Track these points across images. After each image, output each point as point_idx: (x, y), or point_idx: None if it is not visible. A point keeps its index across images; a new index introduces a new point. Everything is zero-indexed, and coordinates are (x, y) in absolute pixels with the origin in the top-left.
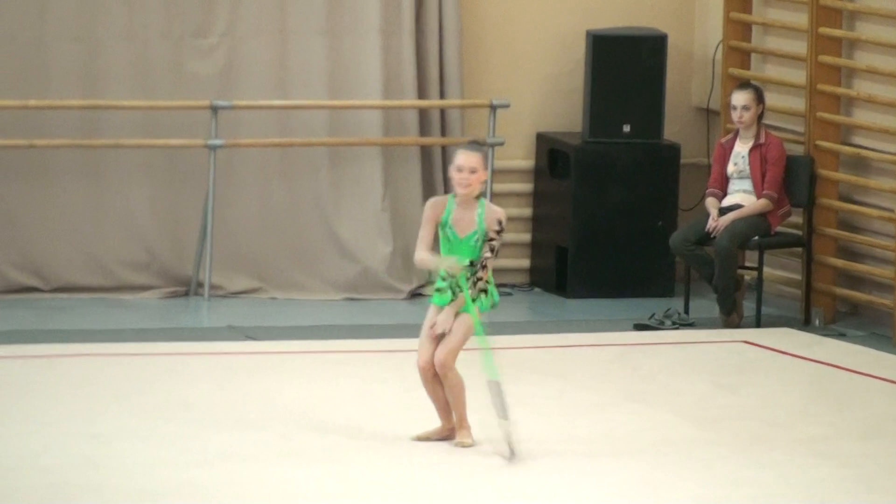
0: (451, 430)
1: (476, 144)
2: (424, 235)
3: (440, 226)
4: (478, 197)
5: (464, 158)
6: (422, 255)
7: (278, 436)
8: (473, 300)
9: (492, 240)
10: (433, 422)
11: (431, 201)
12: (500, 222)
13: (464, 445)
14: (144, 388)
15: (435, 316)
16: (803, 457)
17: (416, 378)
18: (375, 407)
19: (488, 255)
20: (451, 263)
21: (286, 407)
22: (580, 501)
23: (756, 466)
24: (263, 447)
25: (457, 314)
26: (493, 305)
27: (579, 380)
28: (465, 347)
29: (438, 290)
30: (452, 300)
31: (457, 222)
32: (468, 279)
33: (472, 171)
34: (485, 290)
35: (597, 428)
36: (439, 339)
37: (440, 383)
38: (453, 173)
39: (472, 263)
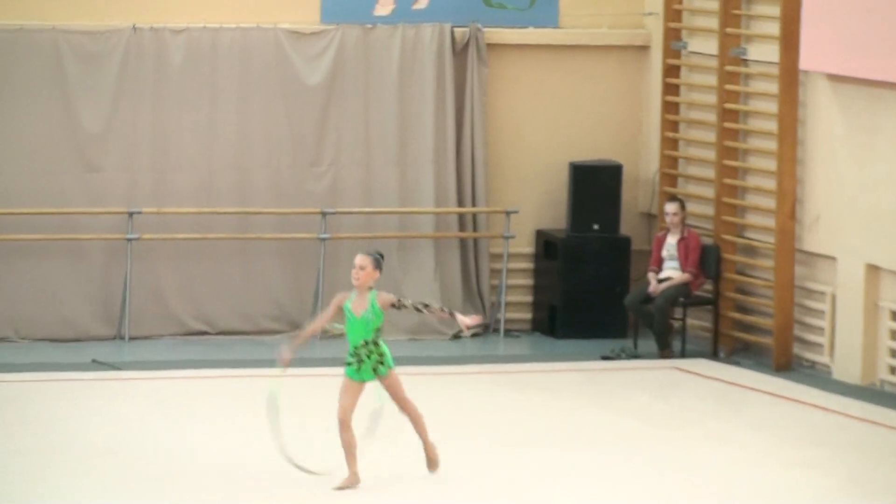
0: (355, 476)
1: (371, 251)
2: (324, 314)
3: (343, 308)
4: (370, 288)
5: (356, 260)
6: (310, 324)
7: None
8: (374, 370)
9: (400, 305)
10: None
11: (339, 294)
12: (397, 301)
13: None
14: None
15: (347, 384)
16: (712, 441)
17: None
18: (425, 402)
19: (405, 304)
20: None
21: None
22: (569, 471)
23: (681, 448)
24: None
25: (381, 377)
26: (390, 369)
27: (563, 392)
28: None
29: (348, 363)
30: (358, 370)
31: (354, 306)
32: (369, 351)
33: (362, 269)
34: (381, 362)
35: (574, 423)
36: (351, 394)
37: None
38: (352, 271)
39: (365, 343)
